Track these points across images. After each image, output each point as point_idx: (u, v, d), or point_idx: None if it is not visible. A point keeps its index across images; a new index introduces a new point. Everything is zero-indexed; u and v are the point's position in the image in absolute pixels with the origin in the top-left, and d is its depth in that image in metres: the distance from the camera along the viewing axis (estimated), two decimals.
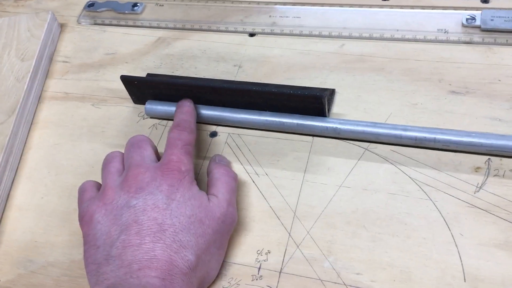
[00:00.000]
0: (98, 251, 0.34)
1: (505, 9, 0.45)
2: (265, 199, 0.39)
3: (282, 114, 0.41)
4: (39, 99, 0.50)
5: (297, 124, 0.41)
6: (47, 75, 0.52)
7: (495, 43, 0.43)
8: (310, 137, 0.41)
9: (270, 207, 0.39)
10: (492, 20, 0.44)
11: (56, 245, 0.40)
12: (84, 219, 0.35)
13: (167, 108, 0.44)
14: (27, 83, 0.48)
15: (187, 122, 0.40)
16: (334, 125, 0.40)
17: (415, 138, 0.38)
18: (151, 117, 0.46)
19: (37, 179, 0.44)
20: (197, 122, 0.43)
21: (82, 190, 0.38)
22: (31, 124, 0.48)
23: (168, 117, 0.45)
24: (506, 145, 0.37)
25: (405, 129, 0.38)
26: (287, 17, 0.50)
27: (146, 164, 0.36)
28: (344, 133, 0.40)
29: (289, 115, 0.41)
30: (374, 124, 0.39)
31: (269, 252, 0.36)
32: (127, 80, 0.44)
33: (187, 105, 0.42)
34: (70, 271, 0.38)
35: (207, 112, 0.43)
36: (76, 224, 0.38)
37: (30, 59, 0.50)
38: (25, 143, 0.47)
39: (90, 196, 0.37)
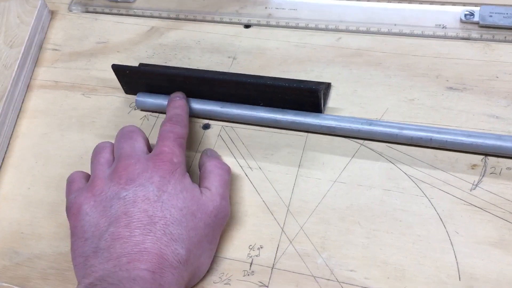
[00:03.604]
0: (86, 243, 0.33)
1: (504, 5, 0.44)
2: (258, 193, 0.38)
3: (277, 110, 0.41)
4: (28, 87, 0.49)
5: (292, 121, 0.40)
6: (36, 63, 0.50)
7: (493, 40, 0.43)
8: (305, 132, 0.41)
9: (263, 201, 0.38)
10: (490, 16, 0.43)
11: (43, 237, 0.39)
12: (72, 210, 0.34)
13: (158, 101, 0.43)
14: (15, 70, 0.47)
15: (180, 117, 0.39)
16: (329, 123, 0.39)
17: (411, 138, 0.38)
18: (141, 110, 0.45)
19: (24, 169, 0.43)
20: (190, 116, 0.42)
21: (70, 181, 0.37)
22: (19, 112, 0.47)
23: (159, 110, 0.44)
24: (503, 146, 0.36)
25: (401, 128, 0.38)
26: (283, 9, 0.49)
27: (137, 155, 0.35)
28: (339, 131, 0.39)
29: (283, 111, 0.40)
30: (370, 123, 0.39)
31: (261, 247, 0.36)
32: (118, 70, 0.43)
33: (179, 99, 0.41)
34: (57, 264, 0.38)
35: (200, 106, 0.42)
36: (63, 216, 0.37)
37: (19, 46, 0.49)
38: (13, 132, 0.46)
39: (78, 187, 0.36)
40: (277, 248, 0.36)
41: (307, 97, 0.39)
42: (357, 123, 0.39)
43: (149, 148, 0.38)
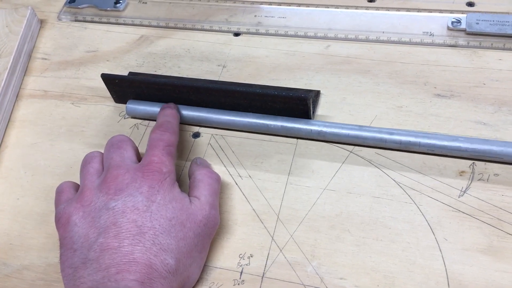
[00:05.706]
0: (75, 254, 0.32)
1: (490, 12, 0.45)
2: (248, 202, 0.38)
3: (267, 116, 0.41)
4: (17, 96, 0.48)
5: (281, 126, 0.40)
6: (25, 72, 0.50)
7: (480, 47, 0.43)
8: (295, 139, 0.41)
9: (253, 210, 0.38)
10: (477, 23, 0.44)
11: (32, 248, 0.39)
12: (61, 221, 0.34)
13: (149, 108, 0.43)
14: (4, 80, 0.47)
15: (170, 124, 0.39)
16: (319, 128, 0.39)
17: (400, 142, 0.38)
18: (132, 117, 0.45)
19: (13, 180, 0.43)
20: (180, 123, 0.42)
21: (59, 191, 0.37)
22: (8, 122, 0.47)
23: (150, 118, 0.44)
24: (490, 150, 0.36)
25: (390, 133, 0.38)
26: (272, 17, 0.49)
27: (126, 165, 0.35)
28: (329, 136, 0.39)
29: (273, 117, 0.41)
30: (359, 128, 0.39)
31: (251, 256, 0.36)
32: (108, 79, 0.43)
33: (170, 108, 0.41)
34: (46, 275, 0.37)
35: (190, 113, 0.42)
36: (53, 227, 0.37)
37: (8, 55, 0.48)
38: (1, 142, 0.45)
39: (67, 198, 0.36)
40: (267, 256, 0.36)
41: (296, 105, 0.39)
42: (347, 128, 0.39)
43: (139, 158, 0.38)
